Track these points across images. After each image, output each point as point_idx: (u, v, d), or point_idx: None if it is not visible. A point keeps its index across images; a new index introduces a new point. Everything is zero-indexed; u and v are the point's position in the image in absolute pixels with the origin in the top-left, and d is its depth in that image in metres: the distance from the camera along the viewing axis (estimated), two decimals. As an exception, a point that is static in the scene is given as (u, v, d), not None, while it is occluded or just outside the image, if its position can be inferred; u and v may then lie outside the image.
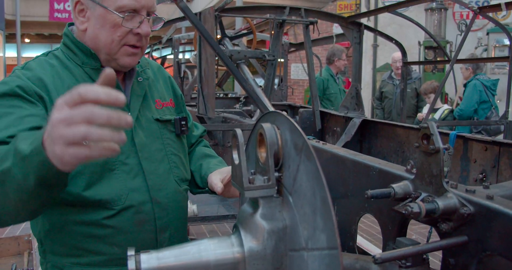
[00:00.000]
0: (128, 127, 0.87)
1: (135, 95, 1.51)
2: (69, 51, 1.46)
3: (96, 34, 1.40)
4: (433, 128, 1.07)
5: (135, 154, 1.44)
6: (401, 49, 3.54)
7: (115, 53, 1.41)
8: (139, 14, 1.40)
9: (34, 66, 1.41)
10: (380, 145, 3.10)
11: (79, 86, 1.22)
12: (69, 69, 1.43)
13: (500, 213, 0.92)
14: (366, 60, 9.86)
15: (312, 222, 0.82)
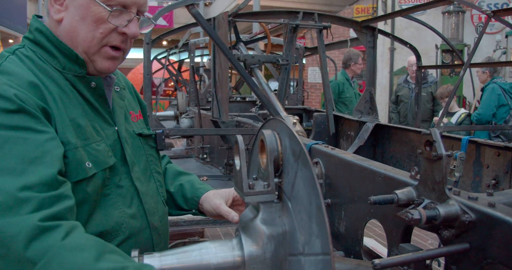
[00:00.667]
0: None
1: (117, 107, 1.32)
2: (43, 51, 1.18)
3: (74, 27, 1.17)
4: (435, 135, 1.07)
5: (128, 174, 1.26)
6: (416, 53, 3.51)
7: (93, 54, 1.19)
8: (129, 11, 1.19)
9: (13, 68, 1.11)
10: (393, 150, 3.08)
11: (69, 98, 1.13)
12: (48, 74, 1.15)
13: (501, 221, 0.92)
14: (383, 63, 9.79)
15: (308, 228, 0.83)
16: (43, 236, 0.90)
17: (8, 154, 0.97)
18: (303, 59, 5.05)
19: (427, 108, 5.98)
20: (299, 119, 2.75)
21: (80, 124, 1.15)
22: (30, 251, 0.88)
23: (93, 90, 1.22)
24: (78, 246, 0.92)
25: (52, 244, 0.90)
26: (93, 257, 0.90)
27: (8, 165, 0.96)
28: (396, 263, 0.97)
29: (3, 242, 0.89)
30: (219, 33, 3.03)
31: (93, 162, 1.14)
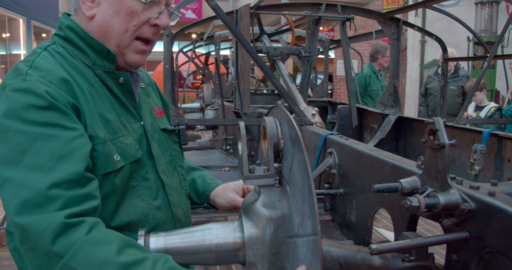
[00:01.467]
0: None
1: (143, 102, 1.36)
2: (73, 48, 1.22)
3: (108, 21, 1.21)
4: (439, 124, 1.08)
5: (153, 168, 1.30)
6: (442, 44, 3.45)
7: (125, 47, 1.24)
8: (159, 4, 1.24)
9: (46, 65, 1.14)
10: (415, 143, 3.05)
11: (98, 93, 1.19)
12: (79, 70, 1.20)
13: (500, 209, 0.92)
14: (414, 56, 9.61)
15: (302, 209, 0.86)
16: (69, 231, 0.95)
17: (38, 151, 1.01)
18: (328, 51, 5.01)
19: (457, 102, 5.85)
20: (318, 110, 2.75)
21: (109, 118, 1.19)
22: (57, 246, 0.94)
23: (121, 86, 1.27)
24: (101, 240, 0.96)
25: (77, 239, 0.95)
26: (114, 251, 0.95)
27: (38, 161, 1.00)
28: (393, 249, 0.99)
29: (32, 237, 0.95)
30: (241, 25, 3.06)
31: (121, 155, 1.18)
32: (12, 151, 1.01)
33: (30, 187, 0.98)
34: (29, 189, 0.97)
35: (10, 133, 1.02)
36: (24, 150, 1.00)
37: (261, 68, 2.27)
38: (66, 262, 0.93)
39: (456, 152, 2.59)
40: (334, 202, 1.88)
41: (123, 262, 0.94)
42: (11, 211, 0.98)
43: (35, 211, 0.96)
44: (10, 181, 0.99)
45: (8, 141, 1.01)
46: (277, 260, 1.00)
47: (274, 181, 0.99)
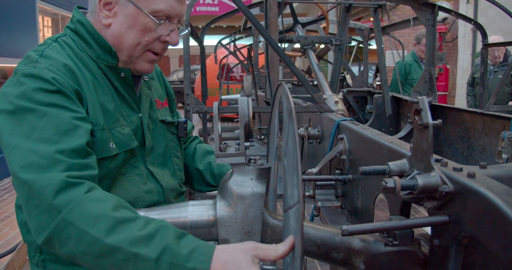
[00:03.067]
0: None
1: (144, 95, 1.43)
2: (81, 41, 1.30)
3: (122, 33, 1.28)
4: (423, 103, 1.04)
5: (142, 157, 1.38)
6: (481, 30, 3.27)
7: (136, 57, 1.32)
8: (171, 22, 1.31)
9: (54, 55, 1.23)
10: (447, 131, 2.93)
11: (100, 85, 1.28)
12: (84, 62, 1.28)
13: (474, 191, 0.88)
14: (465, 45, 9.18)
15: (291, 180, 0.87)
16: (69, 189, 1.03)
17: (45, 127, 1.11)
18: (368, 41, 4.90)
19: (505, 91, 5.53)
20: (342, 98, 2.71)
21: (109, 109, 1.28)
22: (57, 200, 1.01)
23: (123, 80, 1.34)
24: (98, 198, 1.04)
25: (76, 196, 1.02)
26: (110, 207, 1.02)
27: (45, 135, 1.10)
28: (365, 231, 0.97)
29: (35, 192, 1.03)
30: (270, 15, 3.06)
31: (117, 144, 1.27)
32: (23, 127, 1.10)
33: (37, 152, 1.06)
34: (36, 154, 1.06)
35: (22, 111, 1.12)
36: (34, 126, 1.10)
37: (282, 58, 2.27)
38: (64, 216, 1.00)
39: (487, 140, 2.47)
40: (345, 188, 1.85)
41: (118, 217, 1.00)
42: (17, 169, 1.06)
43: (40, 171, 1.05)
44: (18, 148, 1.08)
45: (20, 119, 1.11)
46: (249, 238, 1.01)
47: (244, 159, 0.99)
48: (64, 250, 1.01)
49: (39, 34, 8.62)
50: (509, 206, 0.78)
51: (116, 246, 0.96)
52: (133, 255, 0.96)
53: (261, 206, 1.00)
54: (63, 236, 1.00)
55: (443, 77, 9.52)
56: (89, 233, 0.98)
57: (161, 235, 0.98)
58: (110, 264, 0.98)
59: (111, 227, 0.98)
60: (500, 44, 4.40)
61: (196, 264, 0.93)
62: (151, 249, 0.96)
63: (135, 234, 0.98)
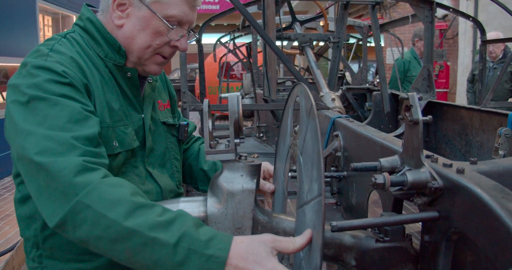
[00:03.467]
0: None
1: (147, 97, 1.43)
2: (90, 38, 1.31)
3: (134, 35, 1.29)
4: (413, 99, 1.04)
5: (142, 158, 1.37)
6: (479, 26, 3.27)
7: (146, 59, 1.33)
8: (182, 28, 1.32)
9: (64, 50, 1.24)
10: (445, 128, 2.93)
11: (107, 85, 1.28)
12: (92, 59, 1.29)
13: (463, 187, 0.88)
14: (466, 42, 9.16)
15: (310, 175, 0.87)
16: (86, 172, 1.02)
17: (58, 115, 1.10)
18: (367, 38, 4.89)
19: (505, 88, 5.52)
20: (338, 95, 2.71)
21: (114, 107, 1.28)
22: (74, 183, 1.00)
23: (128, 80, 1.34)
24: (116, 183, 1.03)
25: (94, 179, 1.01)
26: (128, 192, 1.01)
27: (58, 124, 1.09)
28: (354, 227, 0.97)
29: (52, 175, 1.01)
30: (268, 13, 3.06)
31: (119, 142, 1.27)
32: (36, 115, 1.10)
33: (52, 139, 1.06)
34: (52, 140, 1.05)
35: (34, 101, 1.11)
36: (47, 114, 1.09)
37: (278, 56, 2.27)
38: (81, 198, 0.98)
39: (484, 136, 2.47)
40: (340, 185, 1.86)
41: (136, 201, 0.99)
42: (32, 154, 1.04)
43: (56, 155, 1.04)
44: (33, 134, 1.07)
45: (32, 108, 1.11)
46: (239, 235, 1.01)
47: (234, 156, 1.00)
48: (77, 234, 0.99)
49: (40, 33, 8.63)
50: (496, 201, 0.78)
51: (135, 229, 0.94)
52: (151, 239, 0.94)
53: (251, 202, 1.00)
54: (78, 219, 0.98)
55: (444, 74, 9.50)
56: (107, 216, 0.96)
57: (180, 221, 0.97)
58: (125, 249, 0.96)
59: (129, 211, 0.97)
60: (498, 41, 4.39)
61: (215, 251, 0.92)
62: (170, 234, 0.94)
63: (154, 219, 0.96)
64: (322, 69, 8.18)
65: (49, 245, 1.28)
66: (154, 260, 0.94)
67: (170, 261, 0.93)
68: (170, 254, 0.93)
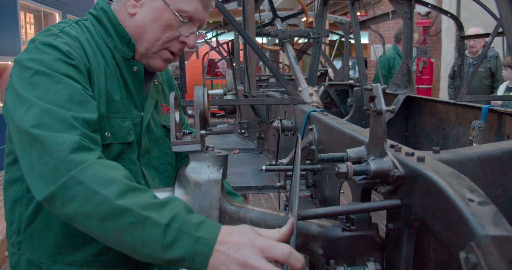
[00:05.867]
0: None
1: (150, 97, 1.41)
2: (101, 28, 1.32)
3: (145, 25, 1.29)
4: (377, 90, 1.06)
5: (138, 157, 1.35)
6: (457, 22, 3.31)
7: (153, 52, 1.32)
8: (193, 25, 1.33)
9: (74, 34, 1.24)
10: (423, 122, 2.97)
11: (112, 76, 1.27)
12: (100, 48, 1.29)
13: (421, 174, 0.90)
14: (449, 38, 9.25)
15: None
16: (83, 151, 1.01)
17: (59, 92, 1.09)
18: (349, 34, 4.92)
19: (484, 84, 5.59)
20: (316, 90, 2.73)
21: (114, 98, 1.27)
22: (69, 159, 0.98)
23: (134, 74, 1.33)
24: (111, 165, 1.02)
25: (90, 158, 1.00)
26: (123, 175, 1.00)
27: (58, 100, 1.07)
28: (318, 215, 0.99)
29: (47, 149, 1.00)
30: (247, 9, 3.07)
31: (112, 134, 1.25)
32: (37, 89, 1.08)
33: (51, 114, 1.04)
34: (50, 115, 1.04)
35: (37, 75, 1.10)
36: (48, 90, 1.08)
37: (256, 53, 2.29)
38: (75, 175, 0.96)
39: (460, 130, 2.51)
40: (315, 178, 1.88)
41: (130, 183, 0.99)
42: (28, 125, 1.03)
43: (53, 130, 1.02)
44: (33, 107, 1.05)
45: (34, 81, 1.10)
46: (207, 225, 1.02)
47: (200, 147, 1.01)
48: (65, 210, 0.97)
49: (21, 31, 8.51)
50: (450, 186, 0.80)
51: (128, 207, 0.93)
52: (143, 218, 0.93)
53: (217, 192, 1.01)
54: (68, 195, 0.96)
55: (427, 71, 9.59)
56: (100, 193, 0.94)
57: (172, 204, 0.97)
58: (114, 228, 0.94)
59: (123, 190, 0.96)
60: (475, 36, 4.45)
61: (204, 234, 0.92)
62: (162, 215, 0.93)
63: (147, 200, 0.96)
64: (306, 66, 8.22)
65: (29, 232, 1.26)
66: (143, 240, 0.93)
67: (160, 241, 0.92)
68: (160, 235, 0.92)
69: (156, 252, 0.93)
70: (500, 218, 0.72)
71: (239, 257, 0.91)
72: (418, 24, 9.76)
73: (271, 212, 1.07)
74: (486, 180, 1.08)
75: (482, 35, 3.73)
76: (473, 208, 0.74)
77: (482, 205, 0.75)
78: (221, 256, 0.91)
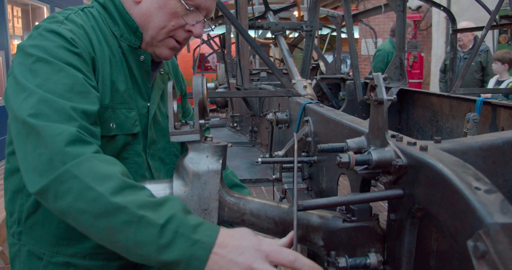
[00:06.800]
0: None
1: (156, 87, 1.39)
2: (107, 16, 1.28)
3: (151, 12, 1.26)
4: (378, 80, 1.05)
5: (144, 148, 1.33)
6: (450, 15, 3.32)
7: (159, 40, 1.30)
8: (199, 13, 1.30)
9: (79, 21, 1.21)
10: (416, 115, 2.97)
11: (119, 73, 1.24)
12: (106, 36, 1.25)
13: (425, 163, 0.89)
14: (439, 33, 9.30)
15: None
16: (79, 144, 0.97)
17: (60, 81, 1.05)
18: (340, 27, 4.90)
19: (475, 78, 5.63)
20: (310, 83, 2.72)
21: (119, 88, 1.24)
22: (65, 151, 0.95)
23: (140, 64, 1.31)
24: (108, 160, 0.99)
25: (86, 152, 0.97)
26: (120, 172, 0.96)
27: (58, 90, 1.04)
28: (320, 205, 0.97)
29: (43, 140, 0.96)
30: (240, 2, 3.04)
31: (118, 125, 1.22)
32: (37, 77, 1.05)
33: (49, 103, 1.01)
34: (48, 105, 1.01)
35: (39, 63, 1.07)
36: (48, 78, 1.05)
37: (251, 46, 2.26)
38: (69, 168, 0.93)
39: (454, 122, 2.51)
40: (311, 170, 1.86)
41: (127, 181, 0.95)
42: (25, 114, 0.99)
43: (51, 120, 0.99)
44: (31, 95, 1.02)
45: (35, 69, 1.06)
46: (206, 216, 1.00)
47: (199, 137, 0.98)
48: (58, 205, 0.94)
49: (8, 25, 8.38)
50: (456, 175, 0.79)
51: (123, 205, 0.90)
52: (138, 217, 0.90)
53: (217, 183, 0.99)
54: (61, 189, 0.92)
55: (418, 65, 9.64)
56: (95, 189, 0.91)
57: (170, 204, 0.93)
58: (108, 226, 0.91)
59: (119, 187, 0.92)
60: (468, 30, 4.47)
61: (202, 237, 0.89)
62: (159, 215, 0.90)
63: (144, 199, 0.93)
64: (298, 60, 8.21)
65: (30, 223, 1.23)
66: (137, 240, 0.90)
67: (155, 242, 0.89)
68: (156, 235, 0.89)
69: (150, 253, 0.90)
70: (507, 206, 0.71)
71: (243, 261, 0.89)
72: (409, 19, 9.77)
73: (271, 203, 1.05)
74: (488, 170, 1.07)
75: (475, 28, 3.74)
76: (480, 196, 0.73)
77: (489, 193, 0.74)
78: (221, 260, 0.88)
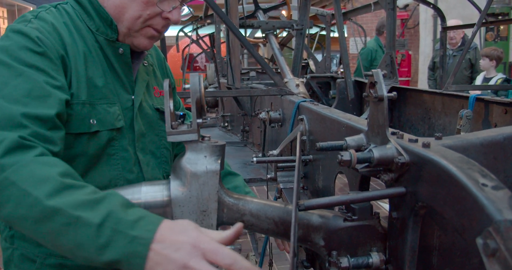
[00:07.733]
0: None
1: (140, 79, 1.36)
2: (82, 10, 1.26)
3: (124, 3, 1.24)
4: (377, 76, 1.03)
5: (133, 142, 1.30)
6: (439, 13, 3.33)
7: (136, 31, 1.27)
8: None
9: (50, 19, 1.19)
10: (408, 113, 2.97)
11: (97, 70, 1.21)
12: (81, 32, 1.23)
13: (429, 160, 0.87)
14: (426, 31, 9.37)
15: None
16: (20, 150, 0.95)
17: (18, 86, 1.04)
18: (330, 26, 4.91)
19: (464, 75, 5.67)
20: (303, 81, 2.70)
21: (97, 84, 1.22)
22: (4, 159, 0.93)
23: (120, 57, 1.28)
24: (48, 162, 0.96)
25: (25, 157, 0.95)
26: (59, 172, 0.94)
27: (15, 95, 1.02)
28: (321, 205, 0.96)
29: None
30: (231, 0, 3.01)
31: (99, 121, 1.20)
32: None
33: (1, 109, 1.00)
34: (0, 111, 0.99)
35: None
36: (6, 82, 1.03)
37: (243, 44, 2.23)
38: (8, 175, 0.92)
39: (447, 119, 2.52)
40: (307, 169, 1.85)
41: (65, 182, 0.92)
42: None
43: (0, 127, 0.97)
44: None
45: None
46: (206, 218, 0.98)
47: (197, 137, 0.96)
48: (3, 213, 0.92)
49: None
50: (462, 172, 0.78)
51: (57, 208, 0.88)
52: (75, 218, 0.87)
53: (215, 184, 0.97)
54: (3, 197, 0.91)
55: (406, 63, 9.70)
56: (31, 194, 0.89)
57: (107, 201, 0.91)
58: (48, 230, 0.89)
59: (55, 190, 0.90)
60: (458, 27, 4.49)
61: (141, 232, 0.86)
62: (95, 214, 0.88)
63: (80, 198, 0.90)
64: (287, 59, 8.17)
65: None
66: (77, 242, 0.87)
67: (94, 243, 0.86)
68: (94, 236, 0.86)
69: (91, 254, 0.87)
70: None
71: (178, 258, 0.84)
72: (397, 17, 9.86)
73: (271, 203, 1.03)
74: (489, 166, 1.05)
75: (466, 25, 3.76)
76: (488, 193, 0.72)
77: (496, 190, 0.73)
78: (157, 256, 0.85)
